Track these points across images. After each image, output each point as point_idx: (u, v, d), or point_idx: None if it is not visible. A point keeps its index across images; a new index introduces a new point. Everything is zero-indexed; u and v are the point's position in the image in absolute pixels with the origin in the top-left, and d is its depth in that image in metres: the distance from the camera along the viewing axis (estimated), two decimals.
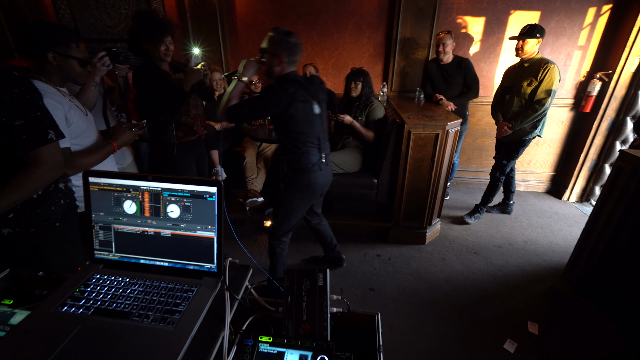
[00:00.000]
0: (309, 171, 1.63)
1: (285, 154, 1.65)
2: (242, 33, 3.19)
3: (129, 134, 1.43)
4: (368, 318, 0.81)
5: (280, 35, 1.47)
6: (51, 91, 1.18)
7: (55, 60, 1.17)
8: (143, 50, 1.77)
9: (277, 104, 1.48)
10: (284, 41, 1.47)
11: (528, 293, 2.08)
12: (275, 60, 1.48)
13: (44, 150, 0.96)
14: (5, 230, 1.01)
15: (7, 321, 0.70)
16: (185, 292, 0.68)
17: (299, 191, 1.68)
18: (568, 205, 3.20)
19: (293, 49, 1.49)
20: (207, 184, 0.69)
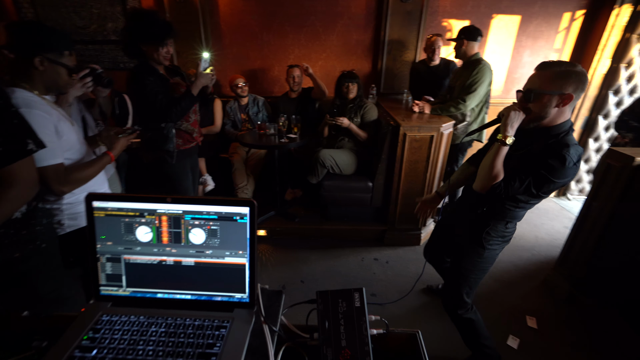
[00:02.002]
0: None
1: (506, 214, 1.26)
2: (226, 35, 3.06)
3: (123, 140, 1.32)
4: (408, 337, 0.76)
5: (560, 65, 1.07)
6: (37, 100, 1.04)
7: (42, 66, 1.03)
8: (140, 52, 1.64)
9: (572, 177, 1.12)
10: (570, 72, 1.05)
11: (523, 288, 2.13)
12: (556, 100, 1.06)
13: (21, 164, 0.84)
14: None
15: None
16: (217, 329, 0.59)
17: (503, 245, 1.35)
18: (547, 200, 3.33)
19: (583, 79, 1.06)
20: (238, 204, 0.61)
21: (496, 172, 1.14)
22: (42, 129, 1.01)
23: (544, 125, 1.13)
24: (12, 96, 0.99)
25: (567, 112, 1.10)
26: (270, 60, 3.15)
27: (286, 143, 2.42)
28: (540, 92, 1.07)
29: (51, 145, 1.04)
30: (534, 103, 1.09)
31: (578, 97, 1.07)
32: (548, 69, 1.08)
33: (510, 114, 1.11)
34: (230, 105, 2.98)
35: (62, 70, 1.09)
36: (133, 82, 1.65)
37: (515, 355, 1.65)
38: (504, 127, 1.12)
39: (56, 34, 1.07)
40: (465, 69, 2.35)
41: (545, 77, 1.07)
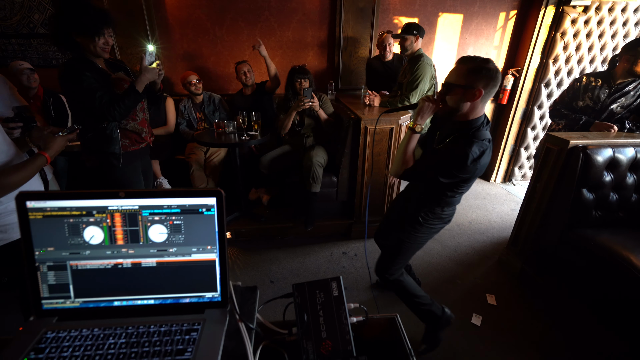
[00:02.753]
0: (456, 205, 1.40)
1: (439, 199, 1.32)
2: (175, 30, 2.87)
3: (59, 139, 1.16)
4: (388, 321, 0.77)
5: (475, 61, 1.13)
6: None
7: None
8: (73, 44, 1.45)
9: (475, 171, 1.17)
10: (483, 69, 1.11)
11: (481, 268, 2.28)
12: (468, 94, 1.12)
13: None
14: None
15: None
16: (187, 332, 0.53)
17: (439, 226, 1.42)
18: (495, 186, 3.63)
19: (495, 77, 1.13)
20: (203, 195, 0.55)
21: (407, 158, 1.24)
22: None
23: (460, 120, 1.18)
24: None
25: (480, 107, 1.16)
26: (224, 56, 3.03)
27: (247, 140, 2.34)
28: (454, 85, 1.13)
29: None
30: (449, 96, 1.16)
31: (489, 93, 1.13)
32: (464, 64, 1.13)
33: (423, 104, 1.21)
34: (184, 103, 2.81)
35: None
36: (66, 78, 1.45)
37: (479, 332, 1.75)
38: (414, 116, 1.23)
39: None
40: (410, 66, 2.46)
41: (461, 71, 1.13)
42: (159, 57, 1.67)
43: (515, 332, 1.75)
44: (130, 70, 1.75)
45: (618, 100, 1.93)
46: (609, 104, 1.95)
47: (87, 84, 1.45)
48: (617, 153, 1.68)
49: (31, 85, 2.37)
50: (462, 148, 1.12)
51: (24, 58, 2.78)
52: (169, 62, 2.97)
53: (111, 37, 1.53)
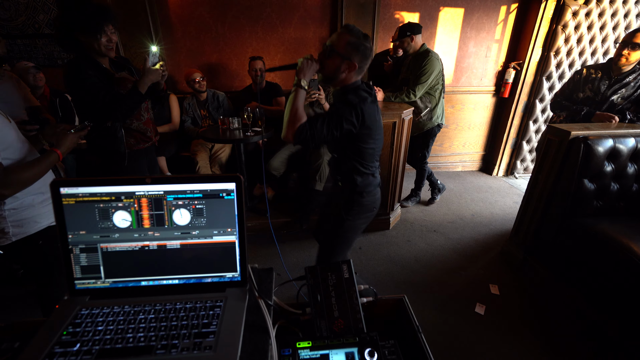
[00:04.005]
0: (376, 191, 1.44)
1: (351, 176, 1.36)
2: (177, 27, 2.90)
3: (71, 137, 1.19)
4: (396, 302, 0.80)
5: (358, 36, 1.20)
6: None
7: None
8: (77, 44, 1.45)
9: (359, 116, 1.22)
10: (362, 45, 1.20)
11: (484, 259, 2.32)
12: (344, 65, 1.21)
13: None
14: None
15: None
16: (210, 308, 0.57)
17: (363, 215, 1.44)
18: (497, 179, 3.65)
19: (369, 56, 1.24)
20: (223, 180, 0.59)
21: (299, 114, 1.22)
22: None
23: (339, 86, 1.28)
24: None
25: (354, 79, 1.26)
26: (227, 53, 3.06)
27: (252, 136, 2.37)
28: (335, 51, 1.20)
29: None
30: (329, 60, 1.22)
31: (362, 68, 1.24)
32: (348, 34, 1.20)
33: (303, 62, 1.24)
34: (189, 101, 2.85)
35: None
36: (70, 78, 1.45)
37: (482, 320, 1.79)
38: (297, 73, 1.24)
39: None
40: (415, 61, 2.48)
41: (344, 40, 1.20)
42: (163, 58, 1.68)
43: (518, 320, 1.78)
44: (134, 69, 1.77)
45: (618, 92, 1.95)
46: (609, 95, 1.98)
47: (90, 84, 1.45)
48: (618, 143, 1.70)
49: (37, 84, 2.41)
50: (343, 97, 1.24)
51: (29, 58, 2.82)
52: (171, 60, 3.00)
53: (115, 35, 1.53)
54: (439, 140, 3.67)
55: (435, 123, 2.66)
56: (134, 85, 1.54)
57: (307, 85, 1.25)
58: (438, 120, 2.66)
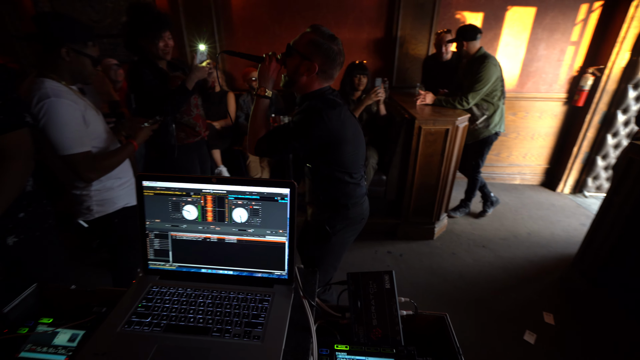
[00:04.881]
0: (364, 200, 1.33)
1: (331, 189, 1.25)
2: (238, 29, 3.09)
3: (146, 129, 1.36)
4: (436, 319, 0.79)
5: (323, 36, 1.09)
6: (65, 90, 1.08)
7: (68, 56, 1.07)
8: (139, 47, 1.64)
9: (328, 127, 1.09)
10: (325, 45, 1.08)
11: (539, 284, 2.13)
12: (304, 66, 1.09)
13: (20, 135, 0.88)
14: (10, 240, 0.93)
15: (51, 342, 0.62)
16: (260, 302, 0.63)
17: (351, 229, 1.34)
18: (562, 196, 3.31)
19: (334, 58, 1.11)
20: (279, 185, 0.64)
21: (257, 126, 1.13)
22: (70, 117, 1.06)
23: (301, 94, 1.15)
24: (42, 86, 1.04)
25: (317, 85, 1.13)
26: None
27: None
28: (294, 49, 1.10)
29: (79, 134, 1.09)
30: (289, 59, 1.12)
31: (326, 72, 1.11)
32: (311, 33, 1.09)
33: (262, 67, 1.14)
34: (244, 98, 3.01)
35: (87, 60, 1.13)
36: (131, 77, 1.65)
37: (532, 350, 1.66)
38: (258, 79, 1.14)
39: (79, 25, 1.10)
40: (471, 66, 2.34)
41: (305, 38, 1.09)
42: (210, 56, 1.80)
43: (573, 357, 1.62)
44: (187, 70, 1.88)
45: None
46: None
47: (146, 81, 1.63)
48: None
49: (117, 79, 2.73)
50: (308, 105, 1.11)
51: (112, 55, 3.21)
52: (230, 59, 3.20)
53: (171, 40, 1.69)
54: (496, 149, 3.42)
55: (493, 131, 2.50)
56: (182, 82, 1.68)
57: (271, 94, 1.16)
58: (496, 129, 2.50)
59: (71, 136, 1.06)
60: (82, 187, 1.23)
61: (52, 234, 1.05)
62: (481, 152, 2.59)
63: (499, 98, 2.43)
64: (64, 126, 1.04)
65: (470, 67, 2.34)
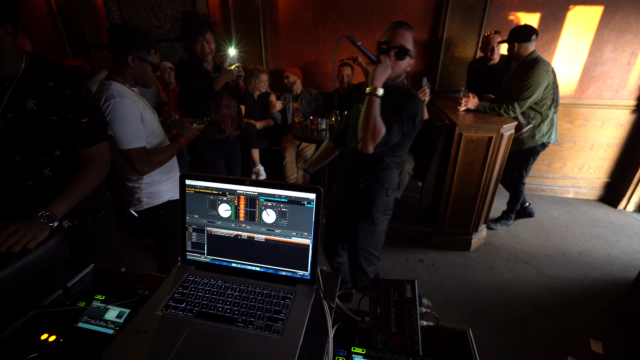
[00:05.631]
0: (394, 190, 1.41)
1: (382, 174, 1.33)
2: (283, 32, 3.19)
3: (193, 129, 1.48)
4: (458, 333, 0.77)
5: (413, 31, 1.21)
6: (127, 92, 1.22)
7: (133, 63, 1.21)
8: (188, 48, 1.86)
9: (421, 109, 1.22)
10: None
11: (588, 309, 1.94)
12: (411, 63, 1.22)
13: (102, 146, 1.02)
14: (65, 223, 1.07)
15: (102, 316, 0.71)
16: (282, 298, 0.67)
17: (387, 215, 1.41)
18: (625, 214, 2.97)
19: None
20: (307, 190, 0.67)
21: (378, 126, 1.14)
22: (131, 115, 1.19)
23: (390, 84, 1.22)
24: (110, 88, 1.18)
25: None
26: (324, 56, 3.23)
27: None
28: (407, 50, 1.15)
29: (137, 131, 1.22)
30: (401, 61, 1.17)
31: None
32: (409, 31, 1.16)
33: (379, 67, 1.13)
34: (285, 95, 3.11)
35: (149, 67, 1.27)
36: (176, 73, 1.89)
37: None
38: (372, 80, 1.14)
39: (144, 35, 1.25)
40: (521, 71, 2.19)
41: (409, 37, 1.15)
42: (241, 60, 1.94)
43: None
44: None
45: None
46: None
47: (187, 79, 1.83)
48: None
49: (170, 81, 2.97)
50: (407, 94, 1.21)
51: (168, 59, 3.50)
52: (274, 61, 3.32)
53: (211, 43, 1.85)
54: (547, 158, 3.17)
55: (539, 142, 2.32)
56: (210, 82, 1.84)
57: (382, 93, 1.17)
58: (543, 139, 2.31)
59: (130, 132, 1.20)
60: (135, 180, 1.38)
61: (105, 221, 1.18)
62: (525, 162, 2.42)
63: (549, 107, 2.25)
64: (125, 123, 1.18)
65: (520, 71, 2.20)
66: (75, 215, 1.08)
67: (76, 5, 3.36)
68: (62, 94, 0.92)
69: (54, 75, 0.92)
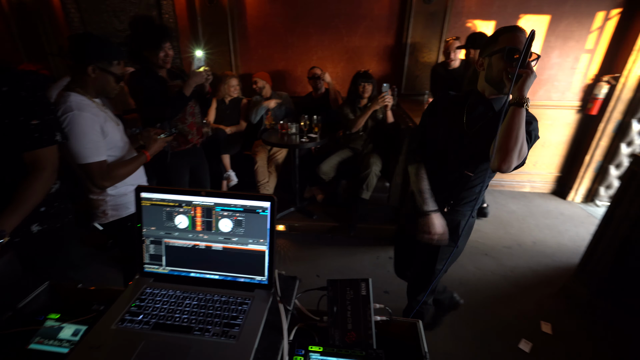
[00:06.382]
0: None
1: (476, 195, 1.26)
2: (252, 37, 3.19)
3: (160, 141, 1.45)
4: (410, 326, 0.83)
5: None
6: (87, 103, 1.19)
7: (93, 73, 1.18)
8: (142, 57, 1.74)
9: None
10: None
11: (540, 293, 2.11)
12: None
13: (50, 150, 1.01)
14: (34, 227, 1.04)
15: (56, 335, 0.70)
16: (240, 304, 0.69)
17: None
18: (573, 205, 3.23)
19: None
20: (261, 199, 0.70)
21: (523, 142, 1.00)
22: (90, 129, 1.16)
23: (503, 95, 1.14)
24: (68, 100, 1.15)
25: None
26: (293, 61, 3.26)
27: (307, 142, 2.51)
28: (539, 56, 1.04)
29: (96, 144, 1.19)
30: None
31: None
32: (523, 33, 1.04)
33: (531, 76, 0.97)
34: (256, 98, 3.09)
35: (111, 78, 1.24)
36: (132, 85, 1.76)
37: (526, 359, 1.66)
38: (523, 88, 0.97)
39: (107, 45, 1.21)
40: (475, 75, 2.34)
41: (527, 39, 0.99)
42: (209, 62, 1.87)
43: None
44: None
45: None
46: None
47: (146, 89, 1.72)
48: None
49: None
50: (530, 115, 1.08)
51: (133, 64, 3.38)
52: (244, 66, 3.31)
53: (171, 50, 1.78)
54: None
55: None
56: (180, 88, 1.77)
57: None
58: None
59: (89, 146, 1.17)
60: (98, 193, 1.34)
61: (71, 228, 1.16)
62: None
63: None
64: (83, 137, 1.15)
65: (475, 76, 2.34)
66: (45, 220, 1.05)
67: (31, 6, 3.18)
68: (17, 97, 0.91)
69: (8, 80, 0.90)
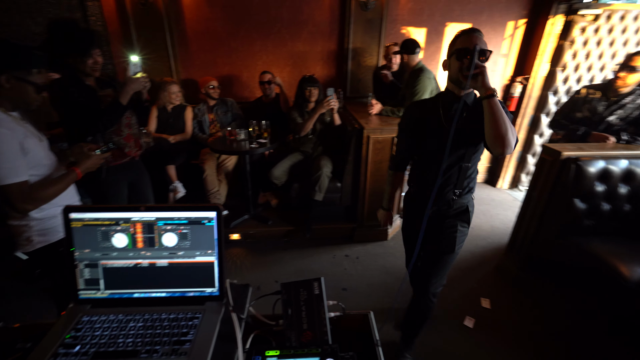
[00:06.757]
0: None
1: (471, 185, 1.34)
2: (192, 41, 3.07)
3: (94, 157, 1.30)
4: (362, 317, 0.88)
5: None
6: (2, 118, 1.04)
7: (8, 84, 1.04)
8: (64, 64, 1.55)
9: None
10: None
11: (479, 273, 2.35)
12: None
13: None
14: None
15: None
16: (190, 319, 0.67)
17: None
18: (502, 192, 3.65)
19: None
20: (205, 209, 0.69)
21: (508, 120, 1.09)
22: (6, 147, 1.03)
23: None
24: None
25: None
26: (238, 66, 3.20)
27: (257, 148, 2.49)
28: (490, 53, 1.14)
29: (15, 164, 1.05)
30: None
31: None
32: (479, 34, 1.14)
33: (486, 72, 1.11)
34: (199, 107, 2.98)
35: (30, 88, 1.10)
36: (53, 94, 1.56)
37: (471, 334, 1.84)
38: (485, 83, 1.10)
39: (24, 51, 1.07)
40: (410, 79, 2.55)
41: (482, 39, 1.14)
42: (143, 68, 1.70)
43: (508, 335, 1.82)
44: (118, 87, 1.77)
45: (615, 113, 1.96)
46: (606, 115, 1.99)
47: (73, 100, 1.54)
48: (610, 165, 1.72)
49: None
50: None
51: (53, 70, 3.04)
52: (186, 71, 3.17)
53: (100, 57, 1.62)
54: None
55: None
56: (115, 97, 1.61)
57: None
58: None
59: (5, 166, 1.02)
60: (20, 218, 1.18)
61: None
62: None
63: None
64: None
65: (410, 79, 2.54)
66: None
67: None
68: None
69: None
